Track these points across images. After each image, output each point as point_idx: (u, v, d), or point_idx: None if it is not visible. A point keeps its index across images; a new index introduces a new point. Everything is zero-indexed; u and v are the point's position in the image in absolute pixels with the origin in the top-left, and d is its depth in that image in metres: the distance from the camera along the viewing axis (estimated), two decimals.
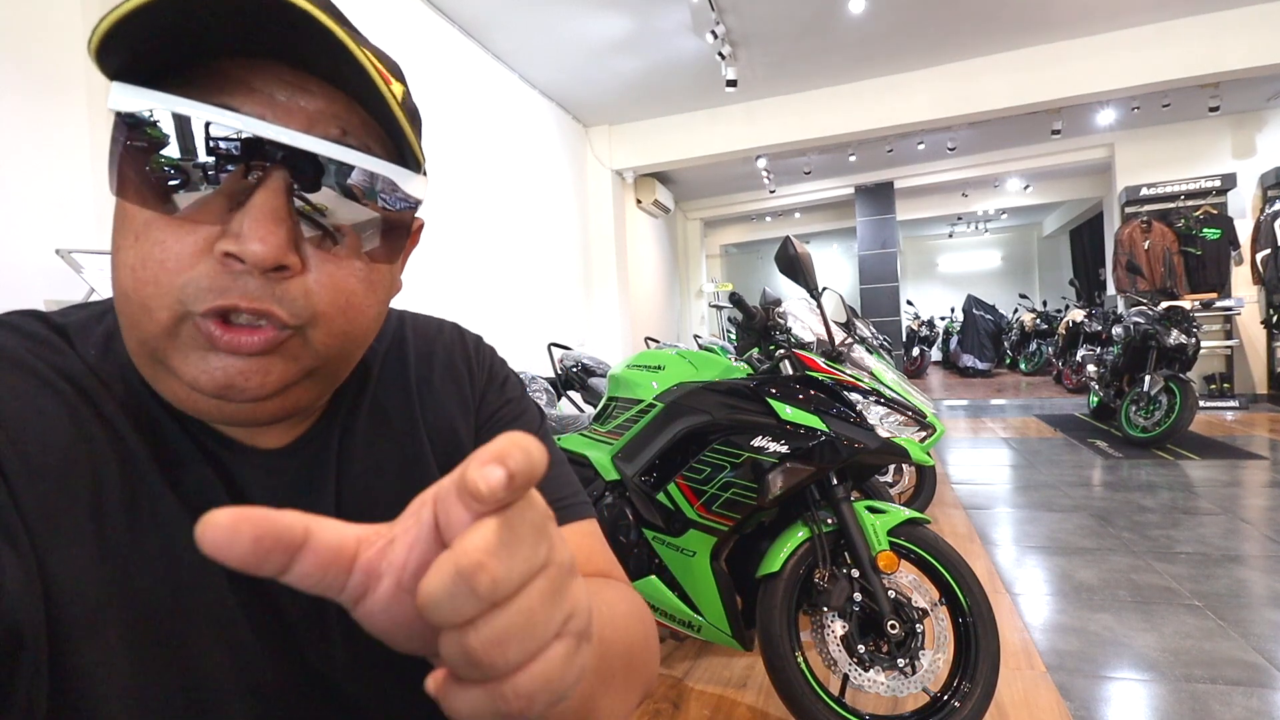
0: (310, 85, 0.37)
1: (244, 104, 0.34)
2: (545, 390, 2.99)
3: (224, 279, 0.34)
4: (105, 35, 0.31)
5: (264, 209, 0.34)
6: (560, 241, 5.63)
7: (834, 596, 1.49)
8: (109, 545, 0.34)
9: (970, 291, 12.13)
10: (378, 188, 0.38)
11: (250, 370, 0.35)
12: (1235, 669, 1.80)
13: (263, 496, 0.41)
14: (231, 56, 0.35)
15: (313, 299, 0.36)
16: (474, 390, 0.54)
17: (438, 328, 0.56)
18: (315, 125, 0.36)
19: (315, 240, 0.36)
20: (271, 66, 0.36)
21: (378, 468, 0.47)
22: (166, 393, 0.37)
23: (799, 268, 1.91)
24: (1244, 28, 4.65)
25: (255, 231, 0.33)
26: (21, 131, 1.99)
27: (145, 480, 0.37)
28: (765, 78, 5.43)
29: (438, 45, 3.96)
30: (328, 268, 0.37)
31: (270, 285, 0.34)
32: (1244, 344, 6.60)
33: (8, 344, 0.37)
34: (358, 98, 0.37)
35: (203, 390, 0.35)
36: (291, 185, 0.35)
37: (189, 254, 0.34)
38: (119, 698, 0.33)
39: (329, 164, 0.36)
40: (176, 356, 0.35)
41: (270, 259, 0.33)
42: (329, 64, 0.36)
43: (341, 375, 0.42)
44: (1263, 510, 3.20)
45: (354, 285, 0.38)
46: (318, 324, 0.37)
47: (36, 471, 0.33)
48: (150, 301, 0.34)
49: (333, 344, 0.38)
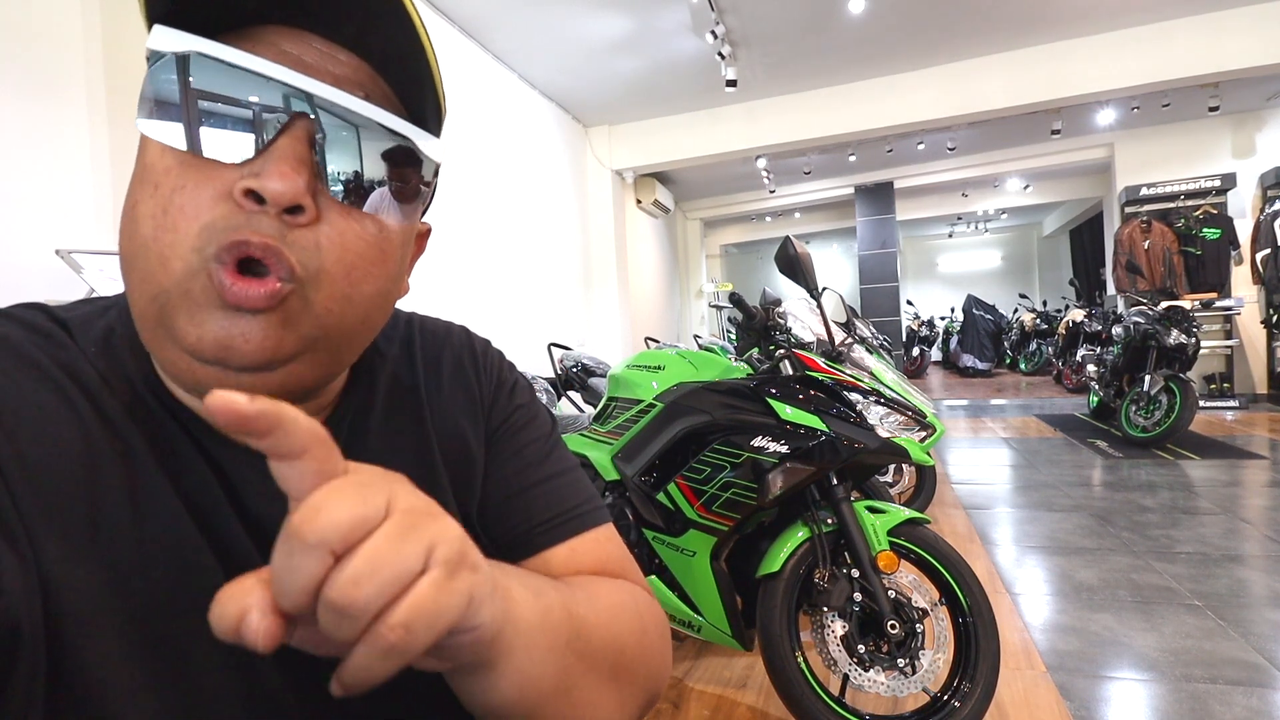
0: (339, 54, 0.38)
1: (276, 60, 0.35)
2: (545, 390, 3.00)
3: (238, 217, 0.34)
4: None
5: (286, 150, 0.34)
6: (560, 241, 5.63)
7: (834, 596, 1.49)
8: (108, 544, 0.34)
9: (970, 291, 12.12)
10: (397, 147, 0.39)
11: (251, 330, 0.35)
12: (1235, 669, 1.80)
13: (259, 500, 0.41)
14: (266, 23, 0.37)
15: (321, 253, 0.36)
16: (483, 395, 0.53)
17: (446, 330, 0.56)
18: (342, 85, 0.37)
19: (331, 195, 0.37)
20: (303, 34, 0.37)
21: None
22: (166, 363, 0.36)
23: (799, 268, 1.91)
24: (1244, 28, 4.65)
25: (276, 169, 0.34)
26: (21, 131, 1.99)
27: (145, 478, 0.36)
28: (765, 78, 5.44)
29: (437, 45, 3.93)
30: (340, 223, 0.37)
31: (284, 228, 0.35)
32: (1244, 344, 6.60)
33: (11, 336, 0.37)
34: (384, 70, 0.39)
35: (203, 354, 0.34)
36: (314, 135, 0.36)
37: (210, 198, 0.34)
38: (118, 697, 0.33)
39: (352, 121, 0.37)
40: (183, 316, 0.34)
41: (288, 197, 0.34)
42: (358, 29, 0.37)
43: (343, 356, 0.41)
44: (1263, 510, 3.20)
45: (362, 248, 0.38)
46: (321, 283, 0.36)
47: (35, 468, 0.33)
48: (168, 249, 0.34)
49: (333, 309, 0.37)
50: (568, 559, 0.50)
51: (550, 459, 0.53)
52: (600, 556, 0.51)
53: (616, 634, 0.43)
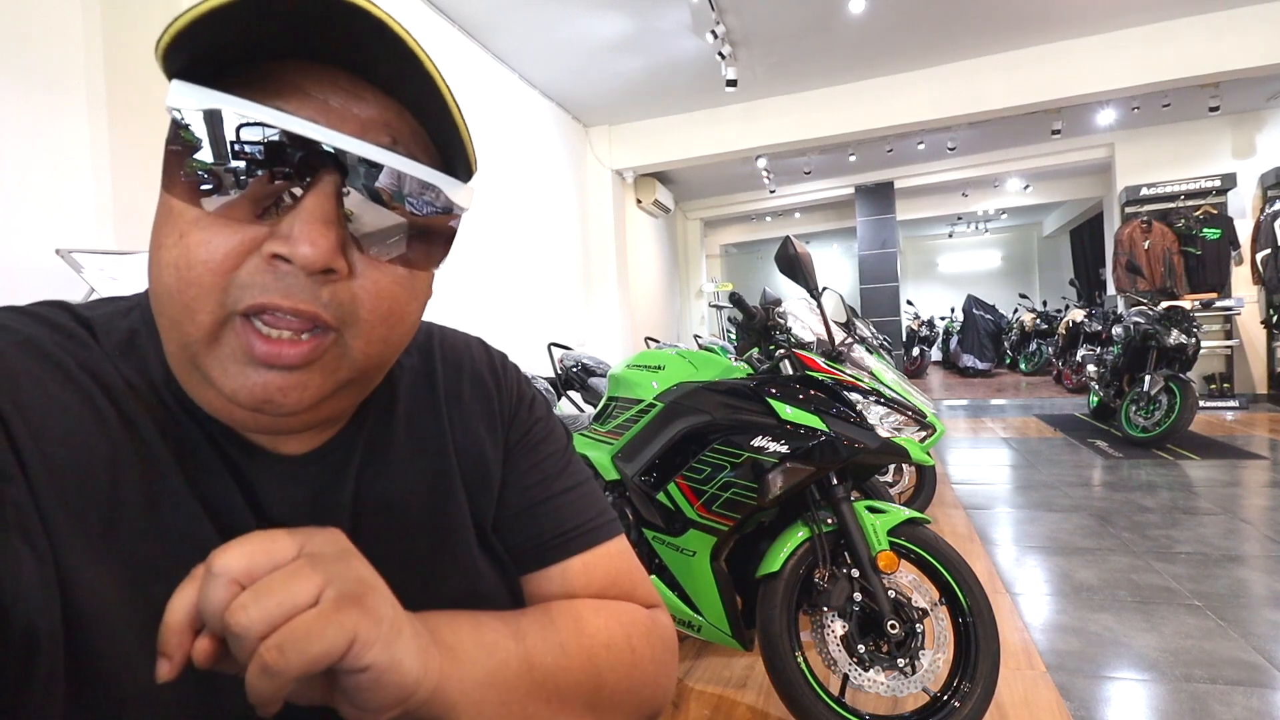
0: (364, 93, 0.37)
1: (298, 109, 0.35)
2: (545, 390, 3.00)
3: (267, 277, 0.34)
4: (178, 34, 0.31)
5: (314, 212, 0.34)
6: (560, 241, 5.63)
7: (834, 596, 1.49)
8: (127, 547, 0.34)
9: (970, 291, 12.12)
10: (425, 196, 0.38)
11: (289, 385, 0.35)
12: (1235, 669, 1.80)
13: (279, 504, 0.41)
14: (292, 59, 0.36)
15: (356, 304, 0.36)
16: (503, 409, 0.54)
17: (465, 343, 0.56)
18: (367, 132, 0.36)
19: (361, 246, 0.36)
20: (328, 71, 0.36)
21: (403, 484, 0.47)
22: (203, 401, 0.37)
23: (799, 268, 1.91)
24: (1244, 28, 4.65)
25: (305, 234, 0.33)
26: (22, 131, 1.99)
27: (165, 483, 0.37)
28: (765, 78, 5.43)
29: (438, 45, 3.96)
30: (373, 274, 0.37)
31: (315, 287, 0.34)
32: (1244, 344, 6.60)
33: (36, 335, 0.37)
34: (412, 107, 0.38)
35: (241, 404, 0.35)
36: (342, 189, 0.35)
37: (235, 253, 0.34)
38: (135, 698, 0.33)
39: (379, 170, 0.36)
40: (216, 368, 0.35)
41: (319, 262, 0.33)
42: (391, 71, 0.36)
43: (376, 381, 0.42)
44: (1263, 510, 3.20)
45: (397, 292, 0.38)
46: (359, 331, 0.37)
47: (58, 469, 0.33)
48: (194, 303, 0.34)
49: (371, 352, 0.38)
50: (581, 571, 0.50)
51: (566, 473, 0.54)
52: (611, 571, 0.52)
53: (595, 670, 0.44)
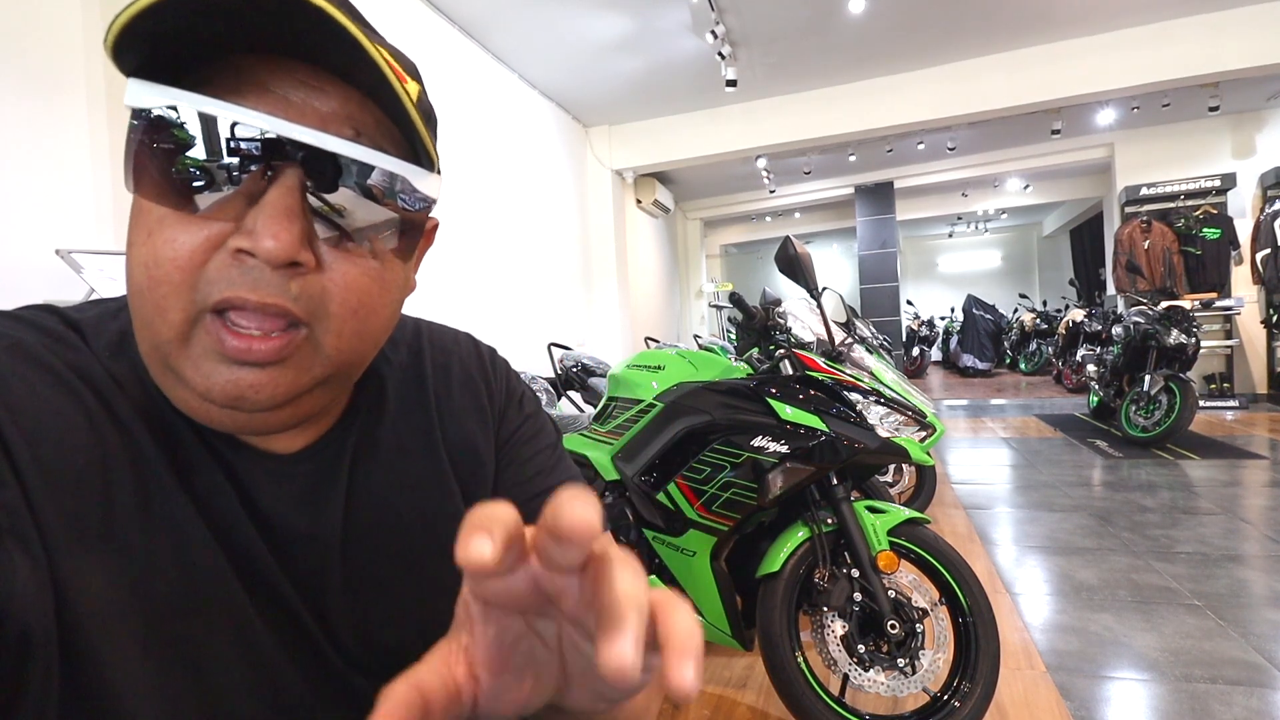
0: (325, 85, 0.36)
1: (259, 103, 0.34)
2: (545, 390, 3.00)
3: (234, 272, 0.34)
4: (121, 32, 0.31)
5: (278, 206, 0.34)
6: (560, 241, 5.63)
7: (834, 596, 1.49)
8: (122, 548, 0.34)
9: (970, 291, 12.12)
10: (392, 187, 0.38)
11: (261, 382, 0.35)
12: (1235, 669, 1.80)
13: (272, 502, 0.41)
14: (249, 53, 0.35)
15: (326, 298, 0.36)
16: (494, 405, 0.54)
17: (454, 339, 0.56)
18: (329, 125, 0.36)
19: (329, 239, 0.36)
20: (288, 65, 0.36)
21: (395, 483, 0.47)
22: (178, 401, 0.37)
23: (799, 268, 1.91)
24: (1244, 28, 4.65)
25: (268, 228, 0.33)
26: (21, 131, 1.99)
27: (158, 482, 0.37)
28: (765, 78, 5.43)
29: (438, 45, 3.96)
30: (341, 266, 0.37)
31: (283, 281, 0.34)
32: (1244, 344, 6.60)
33: (26, 340, 0.37)
34: (373, 96, 0.37)
35: (215, 401, 0.35)
36: (305, 183, 0.35)
37: (201, 250, 0.34)
38: (133, 699, 0.33)
39: (343, 163, 0.36)
40: (188, 366, 0.35)
41: (283, 255, 0.33)
42: (344, 62, 0.36)
43: (354, 377, 0.42)
44: (1263, 510, 3.20)
45: (367, 284, 0.38)
46: (329, 325, 0.36)
47: (52, 473, 0.33)
48: (164, 300, 0.34)
49: (344, 347, 0.38)
50: None
51: (557, 469, 0.54)
52: None
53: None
